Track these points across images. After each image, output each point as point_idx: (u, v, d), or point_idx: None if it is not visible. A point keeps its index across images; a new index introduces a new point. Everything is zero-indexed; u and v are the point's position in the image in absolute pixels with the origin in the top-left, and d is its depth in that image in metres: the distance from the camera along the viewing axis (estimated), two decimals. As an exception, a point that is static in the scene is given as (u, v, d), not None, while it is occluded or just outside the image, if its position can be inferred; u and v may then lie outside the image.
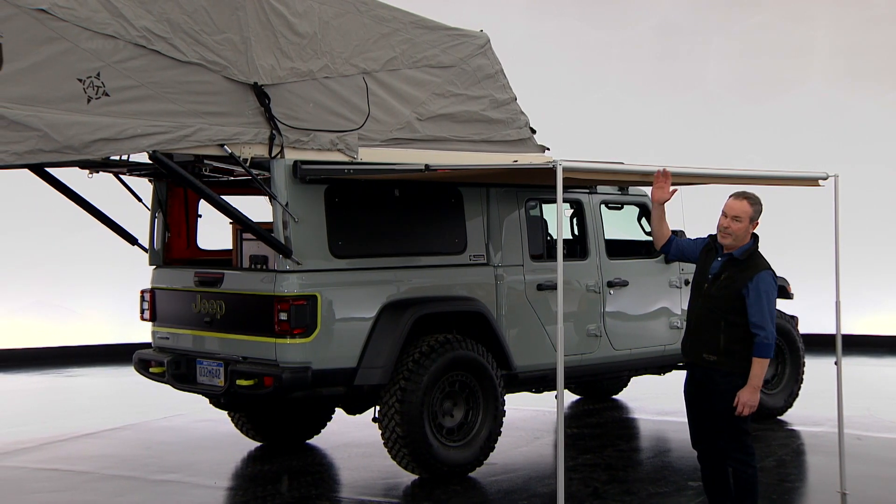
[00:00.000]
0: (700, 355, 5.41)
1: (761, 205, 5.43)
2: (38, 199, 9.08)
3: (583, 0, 15.39)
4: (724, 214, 5.41)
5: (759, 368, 5.25)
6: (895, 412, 9.71)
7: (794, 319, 9.34)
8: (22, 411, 10.41)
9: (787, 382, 9.22)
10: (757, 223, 5.43)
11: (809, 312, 10.54)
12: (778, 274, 9.36)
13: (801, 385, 9.30)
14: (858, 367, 12.32)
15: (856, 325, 13.71)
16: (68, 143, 5.60)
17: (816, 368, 9.79)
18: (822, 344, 10.98)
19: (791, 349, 9.23)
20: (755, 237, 5.46)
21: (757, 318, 5.23)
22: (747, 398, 5.25)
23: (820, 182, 6.72)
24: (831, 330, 6.86)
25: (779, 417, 9.17)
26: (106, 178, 7.30)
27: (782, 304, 9.70)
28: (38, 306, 13.98)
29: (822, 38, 15.19)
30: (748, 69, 15.28)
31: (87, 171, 7.06)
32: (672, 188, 5.67)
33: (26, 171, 6.46)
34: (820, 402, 9.09)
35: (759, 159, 14.17)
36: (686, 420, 5.63)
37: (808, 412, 9.24)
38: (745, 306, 5.26)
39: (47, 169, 6.78)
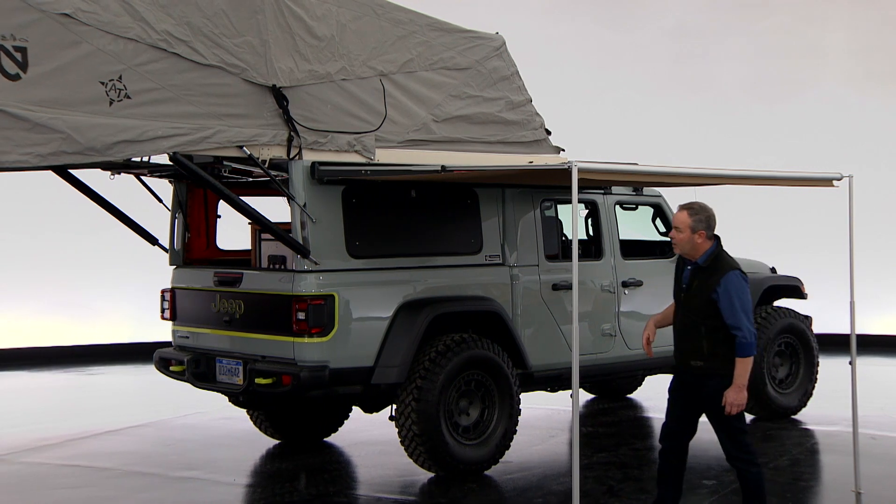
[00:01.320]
0: (688, 363, 5.54)
1: (706, 213, 5.51)
2: (62, 201, 9.12)
3: (597, 2, 15.35)
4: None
5: (743, 367, 5.33)
6: (910, 412, 9.65)
7: (808, 319, 9.27)
8: (45, 408, 10.46)
9: (801, 382, 9.16)
10: (703, 232, 5.47)
11: (824, 312, 10.49)
12: (793, 274, 9.46)
13: (816, 384, 9.23)
14: (873, 367, 12.23)
15: (870, 325, 13.61)
16: (91, 144, 5.63)
17: (831, 368, 9.73)
18: (837, 344, 10.91)
19: (805, 349, 9.17)
20: (717, 240, 5.53)
21: (731, 319, 5.33)
22: (734, 397, 5.32)
23: (834, 183, 6.67)
24: (846, 330, 6.83)
25: (793, 416, 9.11)
26: (127, 179, 7.34)
27: (797, 305, 9.68)
28: (61, 306, 14.04)
29: (835, 39, 15.08)
30: (762, 70, 15.19)
31: (109, 173, 7.09)
32: None
33: (50, 172, 6.48)
34: (834, 401, 9.06)
35: (774, 160, 14.09)
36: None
37: (823, 411, 9.18)
38: (720, 310, 5.35)
39: (70, 170, 6.80)
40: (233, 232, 8.03)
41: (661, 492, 5.73)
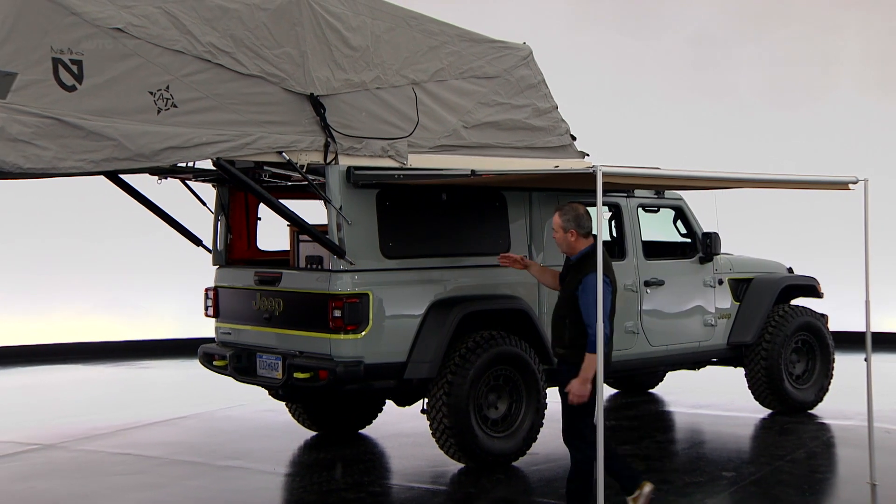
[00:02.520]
0: (555, 349, 5.79)
1: (574, 212, 5.66)
2: (113, 205, 9.20)
3: (620, 12, 15.27)
4: None
5: (588, 362, 5.41)
6: (924, 407, 9.52)
7: (824, 317, 9.20)
8: (98, 400, 10.56)
9: (817, 377, 9.09)
10: (574, 231, 5.63)
11: (840, 311, 10.36)
12: (809, 274, 9.36)
13: (832, 380, 9.15)
14: (887, 364, 12.04)
15: (885, 323, 13.43)
16: (140, 151, 5.67)
17: (846, 364, 9.64)
18: (852, 341, 10.79)
19: (821, 346, 9.10)
20: (594, 241, 5.59)
21: (585, 317, 5.47)
22: (577, 389, 5.43)
23: (850, 186, 6.57)
24: (861, 328, 6.75)
25: (810, 411, 9.02)
26: (173, 183, 7.37)
27: (814, 303, 9.58)
28: (112, 304, 14.17)
29: (851, 47, 14.90)
30: (779, 77, 15.04)
31: (157, 178, 7.14)
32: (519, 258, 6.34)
33: (102, 177, 6.54)
34: (849, 396, 8.94)
35: (791, 164, 13.97)
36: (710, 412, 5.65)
37: (839, 406, 9.07)
38: (580, 306, 5.50)
39: (121, 175, 6.86)
40: (272, 233, 8.05)
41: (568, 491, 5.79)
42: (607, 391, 10.01)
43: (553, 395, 7.63)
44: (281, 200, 6.61)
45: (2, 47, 5.39)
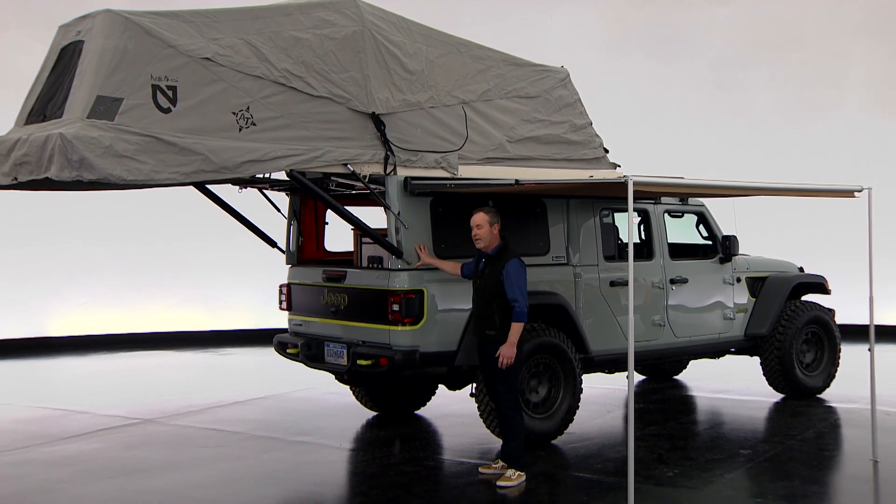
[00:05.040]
0: (484, 332, 6.00)
1: (495, 212, 6.07)
2: (199, 212, 9.33)
3: (648, 39, 15.17)
4: (472, 228, 6.06)
5: (515, 329, 5.84)
6: (922, 392, 9.33)
7: (831, 312, 9.10)
8: (187, 382, 10.71)
9: (825, 366, 8.99)
10: (497, 225, 6.02)
11: (846, 306, 10.21)
12: (818, 273, 9.25)
13: (838, 368, 9.04)
14: (889, 353, 11.78)
15: (886, 317, 13.22)
16: (224, 164, 5.72)
17: (852, 354, 9.48)
18: (857, 333, 10.57)
19: (829, 337, 8.99)
20: (504, 239, 6.08)
21: (511, 293, 5.84)
22: (507, 351, 5.83)
23: (855, 194, 6.51)
24: (865, 321, 6.69)
25: (818, 396, 8.90)
26: (252, 192, 7.44)
27: (822, 299, 9.42)
28: (198, 298, 14.37)
29: (855, 70, 14.74)
30: (792, 97, 14.89)
31: (238, 187, 7.20)
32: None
33: (191, 187, 6.62)
34: (854, 382, 8.81)
35: (802, 175, 13.72)
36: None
37: (844, 391, 8.94)
38: (504, 288, 5.82)
39: (207, 186, 6.94)
40: (338, 236, 8.10)
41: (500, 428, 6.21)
42: (637, 377, 9.91)
43: (588, 381, 7.61)
44: (346, 207, 6.64)
45: (112, 77, 5.50)
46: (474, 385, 6.85)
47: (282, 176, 6.49)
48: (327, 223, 7.94)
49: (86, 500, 5.83)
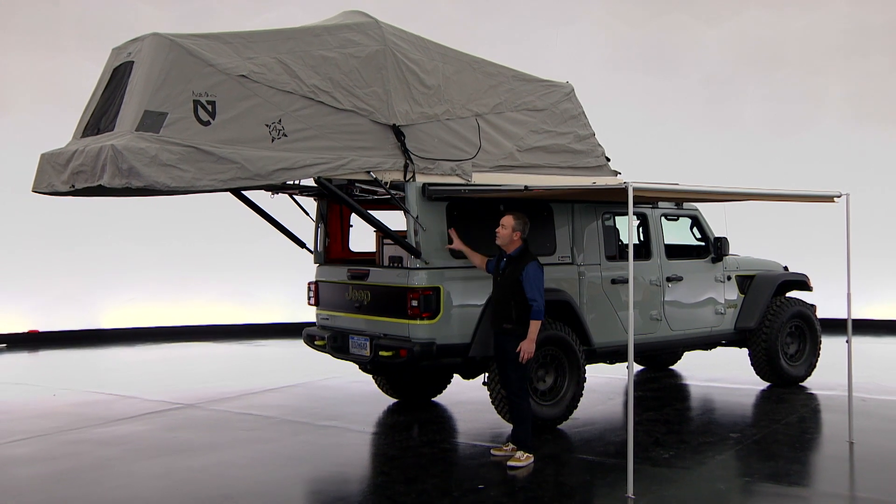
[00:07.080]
0: (501, 325, 5.97)
1: (524, 220, 6.04)
2: (234, 216, 9.35)
3: (645, 56, 15.13)
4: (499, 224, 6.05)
5: (534, 327, 5.84)
6: (893, 379, 9.34)
7: (813, 307, 9.05)
8: (224, 371, 10.72)
9: (807, 356, 8.94)
10: (520, 232, 5.99)
11: (826, 302, 10.17)
12: (801, 271, 9.23)
13: (819, 358, 8.99)
14: (864, 345, 11.74)
15: (863, 311, 13.20)
16: (258, 172, 5.72)
17: (831, 346, 9.49)
18: (836, 327, 10.49)
19: (811, 330, 8.95)
20: (525, 242, 6.05)
21: (530, 293, 5.83)
22: (527, 347, 5.84)
23: (835, 199, 6.50)
24: (843, 315, 6.67)
25: (801, 384, 8.84)
26: (283, 198, 7.45)
27: (805, 296, 9.35)
28: (234, 294, 14.42)
29: (833, 87, 14.73)
30: (777, 110, 14.87)
31: (270, 193, 7.21)
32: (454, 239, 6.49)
33: (228, 193, 6.64)
34: (833, 371, 8.82)
35: (786, 181, 13.64)
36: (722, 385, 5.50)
37: (824, 380, 8.89)
38: (523, 288, 5.81)
39: (242, 192, 6.95)
40: (362, 238, 8.10)
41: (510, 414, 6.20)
42: (636, 367, 9.85)
43: (591, 371, 7.57)
44: (369, 211, 6.63)
45: (158, 93, 5.52)
46: (487, 374, 6.82)
47: (310, 182, 6.51)
48: (352, 226, 7.93)
49: (135, 476, 5.85)
